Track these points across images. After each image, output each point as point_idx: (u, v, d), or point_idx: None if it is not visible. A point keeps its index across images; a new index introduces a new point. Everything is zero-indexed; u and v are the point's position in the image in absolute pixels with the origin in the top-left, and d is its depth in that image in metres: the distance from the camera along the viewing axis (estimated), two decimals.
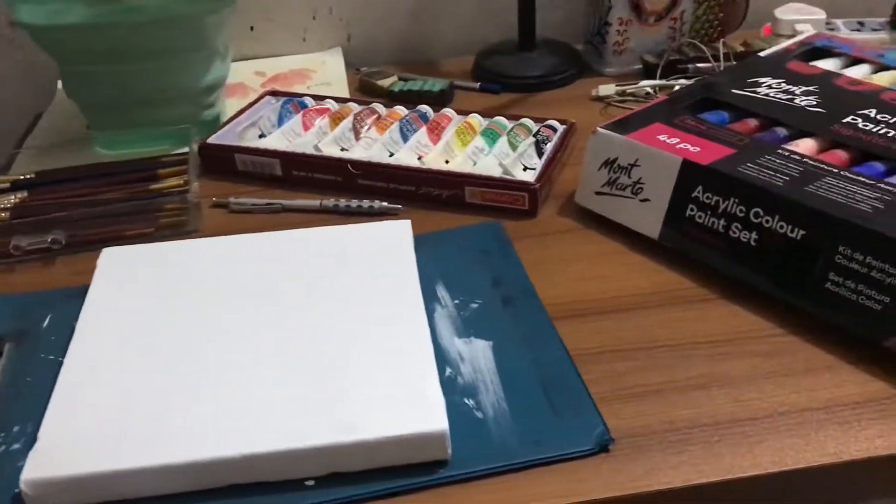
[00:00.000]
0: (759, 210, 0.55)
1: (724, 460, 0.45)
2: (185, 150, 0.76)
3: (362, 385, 0.48)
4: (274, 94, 0.85)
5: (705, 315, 0.56)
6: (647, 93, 0.85)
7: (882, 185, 0.55)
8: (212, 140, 0.77)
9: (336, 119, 0.78)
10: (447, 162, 0.72)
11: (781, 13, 0.89)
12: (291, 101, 0.82)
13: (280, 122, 0.80)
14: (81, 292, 0.57)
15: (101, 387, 0.49)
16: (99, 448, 0.45)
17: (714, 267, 0.59)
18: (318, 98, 0.83)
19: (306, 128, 0.78)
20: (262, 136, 0.79)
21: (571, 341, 0.54)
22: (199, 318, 0.54)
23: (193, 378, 0.49)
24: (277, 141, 0.76)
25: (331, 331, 0.52)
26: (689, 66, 0.86)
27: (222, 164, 0.76)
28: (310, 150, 0.74)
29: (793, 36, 0.82)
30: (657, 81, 0.86)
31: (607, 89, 0.86)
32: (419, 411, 0.46)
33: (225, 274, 0.58)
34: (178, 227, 0.69)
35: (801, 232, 0.53)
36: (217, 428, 0.46)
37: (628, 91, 0.86)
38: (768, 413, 0.48)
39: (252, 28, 0.98)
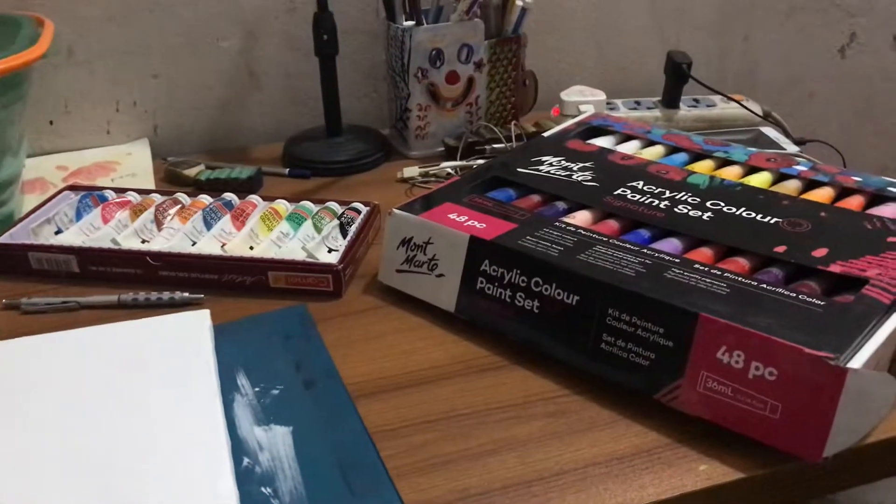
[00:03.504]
0: (538, 279, 0.59)
1: None
2: None
3: (151, 486, 0.47)
4: (73, 188, 0.83)
5: (499, 382, 0.59)
6: (449, 173, 0.89)
7: (645, 251, 0.60)
8: (2, 239, 0.74)
9: (137, 211, 0.77)
10: (252, 248, 0.73)
11: (566, 95, 0.97)
12: (91, 195, 0.80)
13: (78, 216, 0.78)
14: None
15: None
16: None
17: (506, 335, 0.62)
18: (120, 191, 0.81)
19: (105, 221, 0.76)
20: (58, 232, 0.77)
21: (372, 419, 0.55)
22: None
23: None
24: (74, 236, 0.74)
25: (120, 431, 0.51)
26: (487, 147, 0.92)
27: (15, 263, 0.73)
28: (107, 244, 0.72)
29: (577, 116, 0.89)
30: (457, 163, 0.90)
31: (411, 171, 0.90)
32: None
33: (7, 380, 0.56)
34: None
35: (576, 297, 0.57)
36: None
37: (431, 172, 0.90)
38: (554, 472, 0.51)
39: (51, 122, 0.96)
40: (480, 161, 0.89)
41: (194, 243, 0.73)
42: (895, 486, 0.78)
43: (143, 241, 0.74)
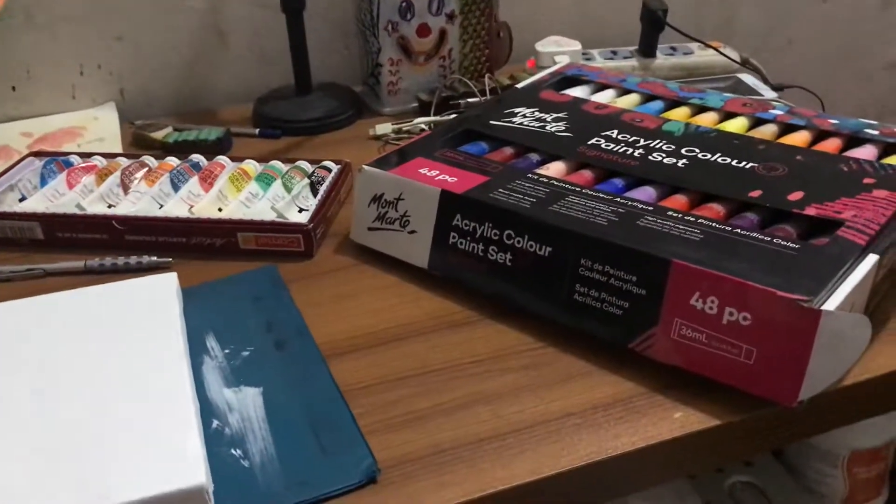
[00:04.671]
0: (510, 232, 0.58)
1: (485, 475, 0.47)
2: None
3: (117, 449, 0.46)
4: (37, 154, 0.81)
5: (472, 336, 0.58)
6: (422, 129, 0.87)
7: (619, 200, 0.59)
8: None
9: (103, 175, 0.75)
10: (220, 210, 0.71)
11: (541, 46, 0.95)
12: (55, 161, 0.78)
13: (42, 182, 0.76)
14: None
15: None
16: None
17: (479, 289, 0.61)
18: (85, 155, 0.80)
19: (70, 186, 0.74)
20: (22, 199, 0.75)
21: (344, 377, 0.54)
22: None
23: None
24: (38, 203, 0.73)
25: (87, 396, 0.50)
26: (461, 101, 0.90)
27: None
28: (72, 210, 0.70)
29: (552, 67, 0.87)
30: (431, 118, 0.88)
31: (384, 128, 0.88)
32: (176, 468, 0.44)
33: None
34: None
35: (548, 249, 0.56)
36: None
37: (404, 129, 0.88)
38: (528, 424, 0.50)
39: (14, 88, 0.93)
40: (455, 116, 0.87)
41: (161, 206, 0.71)
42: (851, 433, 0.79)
43: (110, 206, 0.72)
